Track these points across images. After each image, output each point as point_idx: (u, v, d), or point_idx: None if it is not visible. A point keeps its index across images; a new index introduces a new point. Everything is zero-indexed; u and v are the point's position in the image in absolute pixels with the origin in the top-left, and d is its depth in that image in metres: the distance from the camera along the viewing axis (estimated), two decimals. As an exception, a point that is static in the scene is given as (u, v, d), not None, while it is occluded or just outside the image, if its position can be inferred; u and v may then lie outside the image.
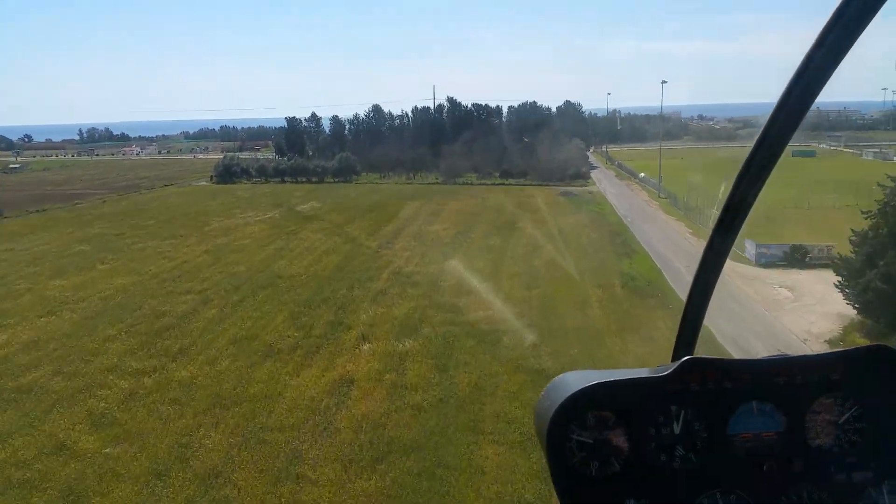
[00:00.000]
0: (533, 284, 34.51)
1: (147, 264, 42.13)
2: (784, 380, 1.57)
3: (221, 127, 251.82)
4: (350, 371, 24.25)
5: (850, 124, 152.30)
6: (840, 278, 26.84)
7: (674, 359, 1.63)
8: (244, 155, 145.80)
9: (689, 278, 1.73)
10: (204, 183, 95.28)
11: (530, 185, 78.76)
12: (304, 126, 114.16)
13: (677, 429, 1.54)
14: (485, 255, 41.19)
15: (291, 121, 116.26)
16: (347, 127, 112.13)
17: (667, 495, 1.55)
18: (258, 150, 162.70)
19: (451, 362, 24.67)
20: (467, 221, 53.69)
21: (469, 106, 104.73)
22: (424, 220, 56.29)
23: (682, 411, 1.54)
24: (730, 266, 39.22)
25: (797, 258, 36.02)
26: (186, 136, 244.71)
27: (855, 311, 26.36)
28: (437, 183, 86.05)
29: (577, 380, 1.54)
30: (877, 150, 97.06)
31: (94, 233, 54.27)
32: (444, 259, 41.14)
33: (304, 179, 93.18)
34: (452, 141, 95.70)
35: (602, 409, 1.52)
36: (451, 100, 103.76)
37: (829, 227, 44.70)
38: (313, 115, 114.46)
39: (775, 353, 1.67)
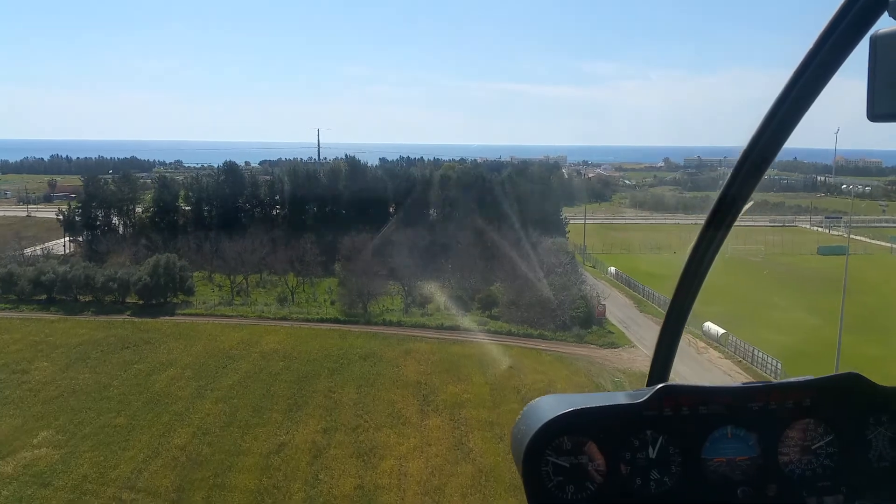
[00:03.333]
0: None
1: None
2: (758, 405, 1.57)
3: (52, 156, 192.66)
4: None
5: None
6: None
7: (649, 384, 1.60)
8: (45, 212, 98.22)
9: None
10: None
11: (513, 338, 42.82)
12: (112, 192, 70.97)
13: (652, 453, 1.53)
14: None
15: (91, 182, 72.94)
16: (184, 195, 71.25)
17: None
18: (72, 198, 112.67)
19: None
20: None
21: (372, 165, 68.04)
22: None
23: (658, 436, 1.54)
24: None
25: None
26: (5, 166, 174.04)
27: None
28: (336, 318, 48.14)
29: (553, 404, 1.53)
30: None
31: None
32: None
33: (91, 300, 51.83)
34: (353, 224, 58.87)
35: (577, 435, 1.51)
36: (350, 160, 66.19)
37: None
38: (124, 175, 72.22)
39: (750, 381, 1.63)
